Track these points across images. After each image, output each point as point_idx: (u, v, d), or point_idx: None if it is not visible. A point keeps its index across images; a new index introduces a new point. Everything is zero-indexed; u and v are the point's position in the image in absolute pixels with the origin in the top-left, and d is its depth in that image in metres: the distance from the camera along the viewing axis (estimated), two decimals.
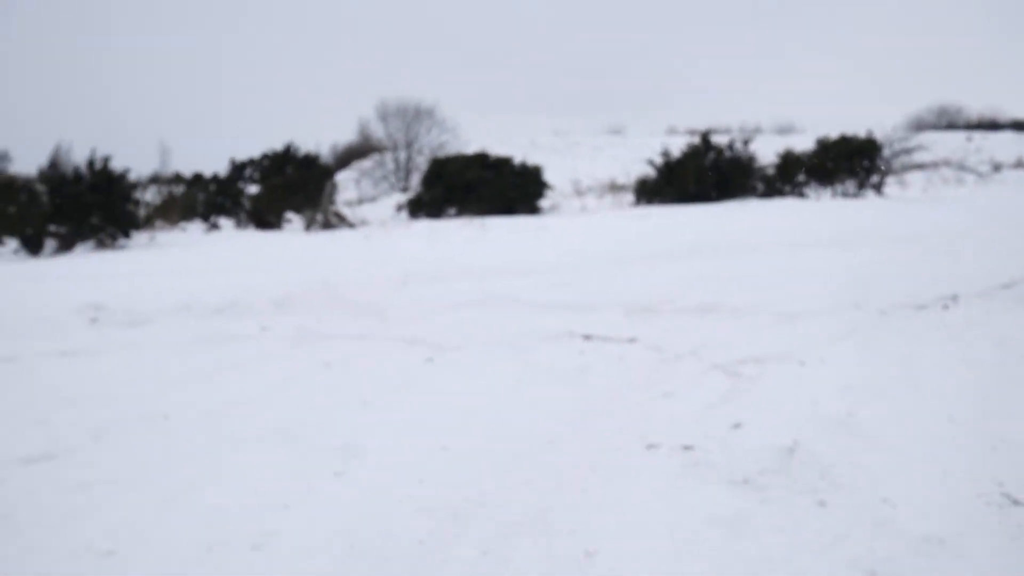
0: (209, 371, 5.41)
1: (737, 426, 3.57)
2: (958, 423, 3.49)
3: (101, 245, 18.74)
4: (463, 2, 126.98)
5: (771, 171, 21.64)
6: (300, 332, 6.61)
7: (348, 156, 53.87)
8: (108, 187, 18.74)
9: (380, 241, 15.90)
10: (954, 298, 6.50)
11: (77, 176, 19.17)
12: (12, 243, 18.72)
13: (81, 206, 18.49)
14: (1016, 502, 2.72)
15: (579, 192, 28.01)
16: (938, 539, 2.48)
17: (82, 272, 12.52)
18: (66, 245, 18.58)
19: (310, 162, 27.91)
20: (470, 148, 38.97)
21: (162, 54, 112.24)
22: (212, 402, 4.59)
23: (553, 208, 23.19)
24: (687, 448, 3.34)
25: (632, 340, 5.66)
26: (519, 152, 46.60)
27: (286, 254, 13.89)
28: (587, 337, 5.82)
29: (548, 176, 24.00)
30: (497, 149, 41.89)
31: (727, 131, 53.38)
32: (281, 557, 2.64)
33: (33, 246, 18.26)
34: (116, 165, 19.07)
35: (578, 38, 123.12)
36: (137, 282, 10.33)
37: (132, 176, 20.06)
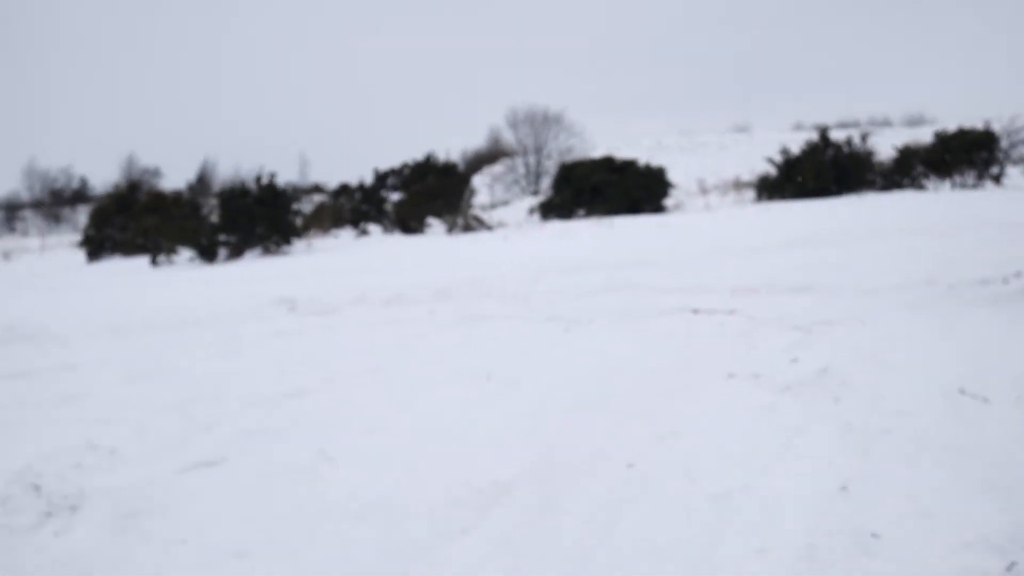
0: (395, 342, 6.97)
1: (794, 361, 4.89)
2: (957, 357, 4.73)
3: (266, 252, 20.90)
4: (590, 5, 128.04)
5: (890, 165, 22.36)
6: (461, 314, 8.13)
7: (479, 161, 55.86)
8: (273, 200, 20.90)
9: (517, 241, 17.49)
10: (1017, 274, 7.56)
11: (244, 190, 21.39)
12: (186, 252, 21.06)
13: (249, 217, 20.68)
14: (962, 392, 3.99)
15: (704, 190, 29.01)
16: (905, 412, 3.80)
17: (263, 275, 14.51)
18: (236, 252, 20.81)
19: (449, 170, 29.77)
20: (597, 151, 40.37)
21: (298, 67, 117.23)
22: (403, 361, 6.13)
23: (677, 206, 24.40)
24: (755, 375, 4.68)
25: (732, 312, 6.97)
26: (646, 153, 47.71)
27: (435, 255, 15.62)
28: (695, 311, 7.15)
29: (674, 175, 25.22)
30: (624, 151, 43.15)
31: (855, 125, 53.10)
32: (470, 454, 4.07)
33: (208, 255, 20.54)
34: (267, 180, 21.32)
35: (704, 34, 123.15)
36: (314, 281, 12.14)
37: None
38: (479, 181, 45.19)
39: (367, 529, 3.04)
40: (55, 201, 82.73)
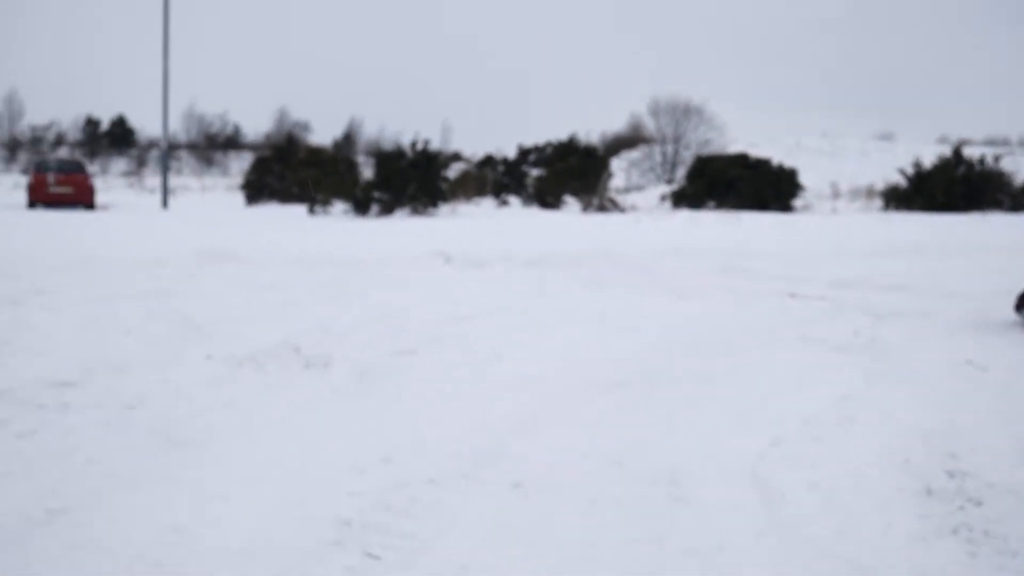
0: (537, 292, 8.47)
1: (855, 334, 6.20)
2: (980, 344, 6.00)
3: (415, 211, 22.73)
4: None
5: (1021, 186, 22.84)
6: (591, 278, 9.57)
7: (617, 145, 56.96)
8: (426, 165, 22.70)
9: (647, 224, 18.88)
10: None
11: (400, 153, 23.28)
12: (340, 205, 23.07)
13: (402, 178, 22.53)
14: (968, 362, 5.28)
15: (835, 195, 29.70)
16: (915, 368, 5.14)
17: (414, 231, 16.29)
18: (387, 209, 22.70)
19: (590, 152, 31.14)
20: (736, 146, 41.09)
21: (448, 37, 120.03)
22: (545, 306, 7.62)
23: (805, 207, 25.31)
24: (821, 340, 6.01)
25: (823, 298, 8.23)
26: (784, 151, 48.07)
27: (571, 229, 17.15)
28: (792, 295, 8.43)
29: (809, 177, 26.11)
30: (763, 147, 43.58)
31: (1004, 143, 52.09)
32: (599, 363, 5.50)
33: (362, 208, 22.48)
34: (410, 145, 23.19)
35: (855, 35, 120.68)
36: (463, 240, 13.76)
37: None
38: (615, 165, 46.39)
39: (531, 395, 4.53)
40: (209, 145, 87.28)
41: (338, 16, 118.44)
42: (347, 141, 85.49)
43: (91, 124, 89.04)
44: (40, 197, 23.48)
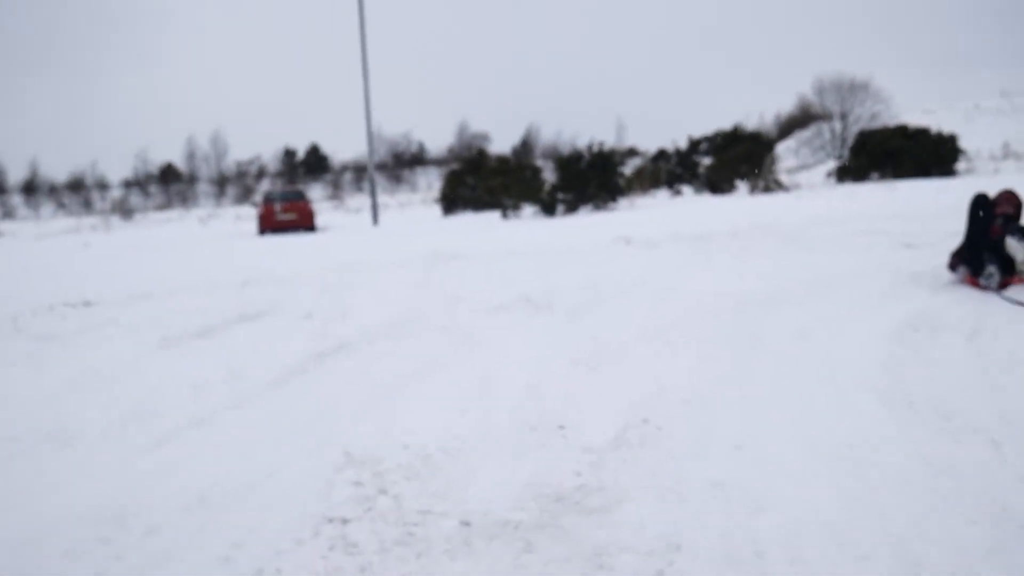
0: (694, 262, 10.82)
1: (932, 269, 8.32)
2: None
3: (596, 208, 25.30)
4: None
5: None
6: (744, 248, 11.82)
7: (789, 126, 57.71)
8: (603, 165, 25.30)
9: (806, 199, 20.81)
10: None
11: (579, 156, 25.97)
12: (529, 208, 25.91)
13: (583, 179, 25.18)
14: (909, 246, 7.32)
15: (1005, 155, 30.27)
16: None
17: (597, 223, 18.85)
18: (571, 208, 25.40)
19: (755, 138, 32.97)
20: (909, 115, 41.49)
21: (615, 37, 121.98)
22: (700, 266, 9.97)
23: (969, 171, 26.34)
24: (902, 272, 8.16)
25: (932, 245, 10.22)
26: (961, 116, 47.87)
27: (735, 210, 19.33)
28: (908, 245, 10.44)
29: (984, 139, 26.99)
30: (938, 115, 43.65)
31: None
32: (728, 293, 7.83)
33: (549, 210, 25.26)
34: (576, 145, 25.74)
35: None
36: (638, 226, 16.21)
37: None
38: (787, 146, 47.46)
39: (678, 311, 6.99)
40: (397, 163, 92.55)
41: (507, 27, 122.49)
42: (525, 147, 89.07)
43: (288, 154, 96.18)
44: (269, 225, 27.36)
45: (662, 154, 35.55)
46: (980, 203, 7.77)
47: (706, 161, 32.29)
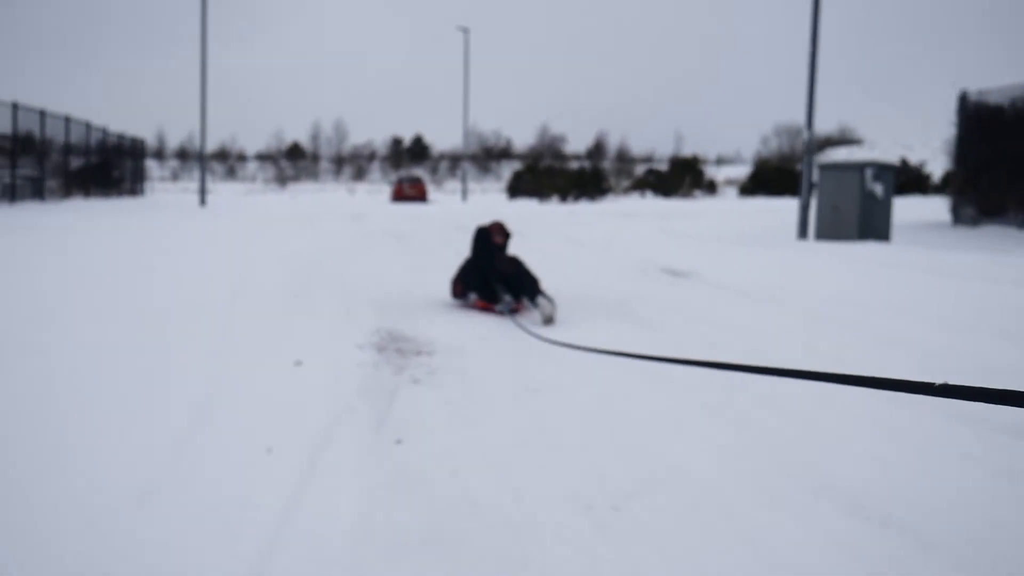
0: (623, 224, 28.12)
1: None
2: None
3: (591, 200, 42.80)
4: None
5: None
6: (635, 217, 29.10)
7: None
8: (596, 175, 42.90)
9: (701, 200, 38.07)
10: None
11: (583, 170, 43.49)
12: (555, 196, 43.53)
13: (583, 182, 42.74)
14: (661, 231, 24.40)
15: None
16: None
17: (591, 207, 36.29)
18: (576, 199, 42.94)
19: (690, 162, 50.19)
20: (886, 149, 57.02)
21: (676, 57, 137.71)
22: (609, 227, 27.32)
23: None
24: None
25: None
26: (937, 147, 62.73)
27: (655, 204, 36.65)
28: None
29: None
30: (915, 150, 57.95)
31: None
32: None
33: (563, 199, 42.84)
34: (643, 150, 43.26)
35: None
36: (609, 208, 33.51)
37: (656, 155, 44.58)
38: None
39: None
40: (486, 156, 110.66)
41: (590, 42, 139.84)
42: (597, 149, 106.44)
43: (396, 142, 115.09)
44: (399, 197, 45.38)
45: (650, 169, 52.75)
46: (482, 236, 7.84)
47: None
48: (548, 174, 47.57)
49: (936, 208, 24.56)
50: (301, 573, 2.43)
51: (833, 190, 15.77)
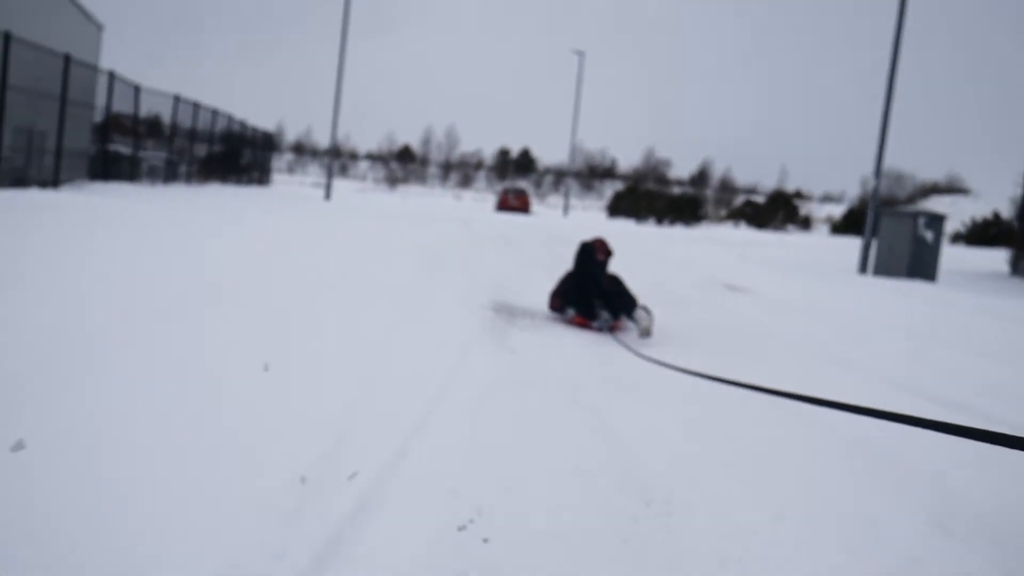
0: (685, 240, 30.43)
1: None
2: None
3: (686, 225, 44.99)
4: None
5: None
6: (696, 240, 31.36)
7: None
8: (693, 202, 45.05)
9: (711, 227, 39.99)
10: None
11: (680, 196, 45.73)
12: (651, 218, 45.90)
13: (680, 208, 44.95)
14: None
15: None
16: None
17: (687, 232, 38.57)
18: (672, 222, 45.20)
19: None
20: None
21: (791, 83, 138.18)
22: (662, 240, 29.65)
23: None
24: None
25: None
26: None
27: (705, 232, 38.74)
28: None
29: None
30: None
31: None
32: None
33: (659, 222, 45.16)
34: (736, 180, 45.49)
35: None
36: (701, 233, 35.79)
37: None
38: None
39: None
40: (590, 174, 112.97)
41: (704, 70, 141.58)
42: (701, 176, 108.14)
43: (503, 153, 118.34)
44: (504, 206, 48.19)
45: (748, 201, 54.58)
46: (586, 251, 8.05)
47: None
48: (647, 197, 49.96)
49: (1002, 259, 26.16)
50: (466, 395, 4.98)
51: (890, 234, 17.91)
